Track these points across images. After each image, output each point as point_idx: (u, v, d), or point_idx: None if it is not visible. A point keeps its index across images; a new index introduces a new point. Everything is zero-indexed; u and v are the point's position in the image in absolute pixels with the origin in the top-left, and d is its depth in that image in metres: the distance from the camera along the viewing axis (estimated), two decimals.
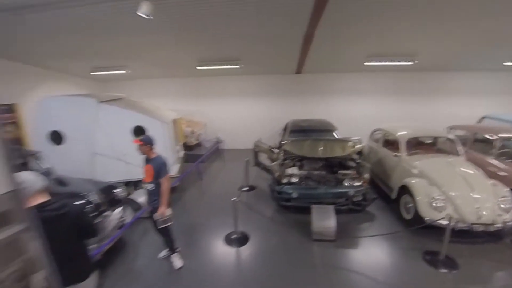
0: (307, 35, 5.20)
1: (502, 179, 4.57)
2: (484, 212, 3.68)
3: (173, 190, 5.79)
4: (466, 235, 3.81)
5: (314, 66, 8.26)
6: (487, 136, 5.20)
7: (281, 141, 5.43)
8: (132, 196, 4.95)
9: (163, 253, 3.78)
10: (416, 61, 7.08)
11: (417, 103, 9.15)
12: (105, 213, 3.70)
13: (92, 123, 5.23)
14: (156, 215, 3.36)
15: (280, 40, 5.76)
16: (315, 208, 4.13)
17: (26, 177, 1.95)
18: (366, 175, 4.55)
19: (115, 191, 4.22)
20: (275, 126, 8.90)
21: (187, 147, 8.28)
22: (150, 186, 3.38)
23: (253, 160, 6.47)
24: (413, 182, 4.24)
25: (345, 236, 4.10)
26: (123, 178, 5.11)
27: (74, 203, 3.19)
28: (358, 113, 9.31)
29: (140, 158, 3.46)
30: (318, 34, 5.10)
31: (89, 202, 3.51)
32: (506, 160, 4.84)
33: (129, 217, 4.30)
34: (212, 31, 5.10)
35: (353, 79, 9.06)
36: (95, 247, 3.31)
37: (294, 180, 4.61)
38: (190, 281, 3.36)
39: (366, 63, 7.32)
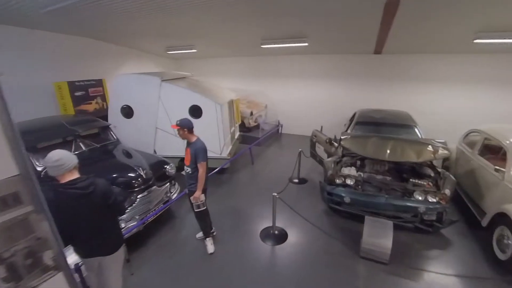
0: (390, 1, 4.13)
1: None
2: None
3: (223, 171, 5.87)
4: None
5: (399, 45, 6.78)
6: None
7: (342, 134, 4.66)
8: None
9: (199, 234, 3.83)
10: None
11: None
12: (152, 188, 3.92)
13: (156, 100, 5.57)
14: (192, 199, 3.36)
15: (355, 11, 4.80)
16: (369, 220, 3.45)
17: (60, 155, 2.05)
18: (447, 191, 3.51)
19: (166, 166, 4.43)
20: (342, 115, 7.90)
21: (244, 128, 8.23)
22: (188, 170, 3.34)
23: (310, 151, 5.94)
24: None
25: (402, 262, 3.33)
26: (178, 154, 5.36)
27: (109, 177, 3.46)
28: (451, 107, 7.35)
29: (200, 136, 3.41)
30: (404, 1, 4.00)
31: (138, 176, 3.75)
32: None
33: (176, 193, 4.51)
34: (277, 3, 4.58)
35: (451, 63, 7.07)
36: (136, 220, 3.56)
37: (350, 182, 3.93)
38: (217, 269, 3.30)
39: (476, 41, 5.53)
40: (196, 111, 5.41)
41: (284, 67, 9.06)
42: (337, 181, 4.00)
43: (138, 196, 3.68)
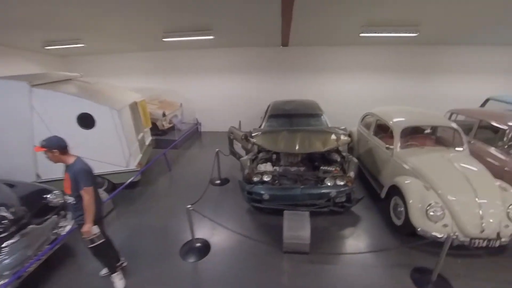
0: None
1: (504, 174, 3.90)
2: (489, 222, 3.02)
3: (134, 185, 5.12)
4: (463, 247, 3.18)
5: (302, 38, 7.18)
6: (495, 124, 4.42)
7: (251, 132, 4.57)
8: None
9: (104, 271, 3.16)
10: (418, 33, 6.06)
11: (418, 82, 8.14)
12: (27, 229, 3.00)
13: (26, 111, 4.33)
14: (83, 234, 2.68)
15: (256, 4, 4.72)
16: (287, 215, 3.45)
17: None
18: (352, 173, 3.82)
19: (47, 195, 3.49)
20: (259, 107, 7.99)
21: (158, 131, 7.45)
22: (71, 199, 2.64)
23: (228, 148, 5.73)
24: (406, 183, 3.53)
25: (322, 247, 3.48)
26: None
27: None
28: (351, 93, 8.34)
29: (95, 150, 2.66)
30: None
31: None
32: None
33: (70, 225, 3.62)
34: None
35: (348, 54, 7.95)
36: (7, 276, 2.65)
37: (267, 178, 3.87)
38: None
39: (362, 34, 6.27)
40: (86, 121, 4.45)
41: (195, 62, 8.54)
42: (255, 179, 3.90)
43: (4, 244, 2.75)
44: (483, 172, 3.54)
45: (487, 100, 6.61)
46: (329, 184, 3.73)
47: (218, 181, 5.31)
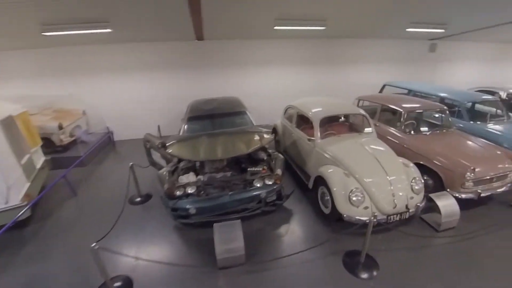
0: None
1: (404, 151, 4.49)
2: (399, 197, 3.36)
3: (23, 224, 4.00)
4: (380, 224, 3.46)
5: (218, 31, 6.84)
6: (393, 107, 5.04)
7: (163, 143, 4.03)
8: None
9: None
10: (326, 27, 6.47)
11: (332, 72, 8.89)
12: None
13: None
14: None
15: None
16: (217, 228, 3.13)
17: None
18: (279, 170, 3.75)
19: None
20: (180, 108, 7.33)
21: (56, 147, 6.08)
22: None
23: (147, 159, 5.03)
24: (329, 172, 3.65)
25: (258, 253, 3.32)
26: None
27: None
28: (274, 86, 8.49)
29: None
30: None
31: None
32: (411, 133, 4.76)
33: None
34: None
35: (267, 47, 8.01)
36: None
37: (191, 190, 3.46)
38: None
39: (276, 28, 6.32)
40: None
41: (96, 60, 7.21)
42: (177, 193, 3.44)
43: None
44: (388, 151, 3.94)
45: (384, 86, 7.63)
46: (258, 185, 3.57)
47: (138, 199, 4.60)
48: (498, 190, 3.96)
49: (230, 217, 3.46)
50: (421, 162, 4.23)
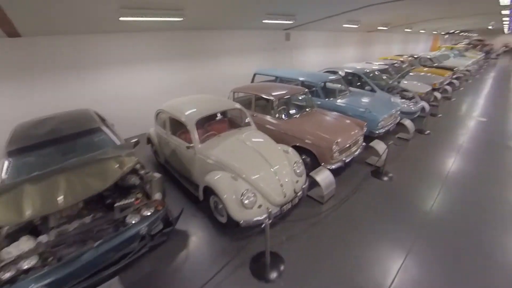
0: None
1: (281, 136, 4.72)
2: (286, 185, 3.41)
3: None
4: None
5: (42, 24, 5.09)
6: (265, 97, 5.19)
7: None
8: None
9: None
10: (184, 17, 5.91)
11: (206, 66, 8.46)
12: None
13: None
14: None
15: None
16: None
17: None
18: (158, 194, 3.07)
19: None
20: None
21: None
22: None
23: None
24: (216, 179, 3.30)
25: None
26: None
27: None
28: (139, 89, 7.28)
29: None
30: None
31: None
32: (284, 118, 5.04)
33: None
34: None
35: (120, 43, 6.65)
36: None
37: (28, 265, 2.31)
38: None
39: (122, 18, 5.24)
40: None
41: None
42: (6, 275, 2.24)
43: None
44: (268, 142, 3.96)
45: (254, 75, 7.94)
46: (133, 222, 2.79)
47: None
48: (355, 153, 4.76)
49: (105, 273, 2.58)
50: (298, 144, 4.54)
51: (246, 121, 4.44)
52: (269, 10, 7.10)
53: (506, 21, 16.89)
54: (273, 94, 5.12)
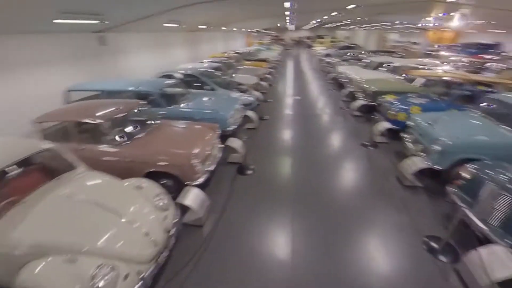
0: None
1: (128, 165, 3.84)
2: (154, 231, 2.68)
3: None
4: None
5: None
6: (89, 121, 3.93)
7: None
8: None
9: None
10: None
11: None
12: None
13: None
14: None
15: None
16: None
17: None
18: None
19: None
20: None
21: None
22: None
23: None
24: (37, 276, 2.08)
25: None
26: None
27: None
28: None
29: None
30: None
31: None
32: (124, 143, 4.03)
33: None
34: None
35: None
36: None
37: None
38: None
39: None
40: None
41: None
42: None
43: None
44: (109, 182, 3.03)
45: (68, 93, 6.07)
46: None
47: None
48: (217, 158, 4.59)
49: None
50: (152, 170, 3.81)
51: (69, 162, 3.17)
52: (62, 7, 5.39)
53: (288, 20, 22.14)
54: (100, 114, 3.97)
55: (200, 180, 3.91)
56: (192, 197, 3.51)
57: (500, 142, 4.07)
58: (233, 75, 10.04)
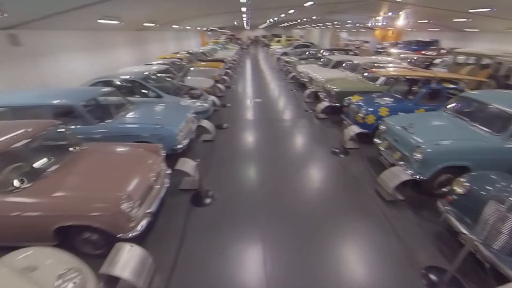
0: None
1: (29, 223, 2.65)
2: None
3: None
4: None
5: None
6: None
7: None
8: None
9: None
10: None
11: None
12: None
13: None
14: None
15: None
16: None
17: None
18: None
19: None
20: None
21: None
22: None
23: None
24: None
25: None
26: None
27: None
28: None
29: None
30: None
31: None
32: (26, 185, 2.77)
33: None
34: None
35: None
36: None
37: None
38: None
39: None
40: None
41: None
42: None
43: None
44: None
45: None
46: None
47: None
48: (163, 190, 3.55)
49: None
50: (66, 224, 2.65)
51: None
52: None
53: (245, 18, 21.39)
54: None
55: (138, 228, 2.85)
56: (124, 261, 2.41)
57: (481, 146, 3.74)
58: (185, 78, 8.90)
